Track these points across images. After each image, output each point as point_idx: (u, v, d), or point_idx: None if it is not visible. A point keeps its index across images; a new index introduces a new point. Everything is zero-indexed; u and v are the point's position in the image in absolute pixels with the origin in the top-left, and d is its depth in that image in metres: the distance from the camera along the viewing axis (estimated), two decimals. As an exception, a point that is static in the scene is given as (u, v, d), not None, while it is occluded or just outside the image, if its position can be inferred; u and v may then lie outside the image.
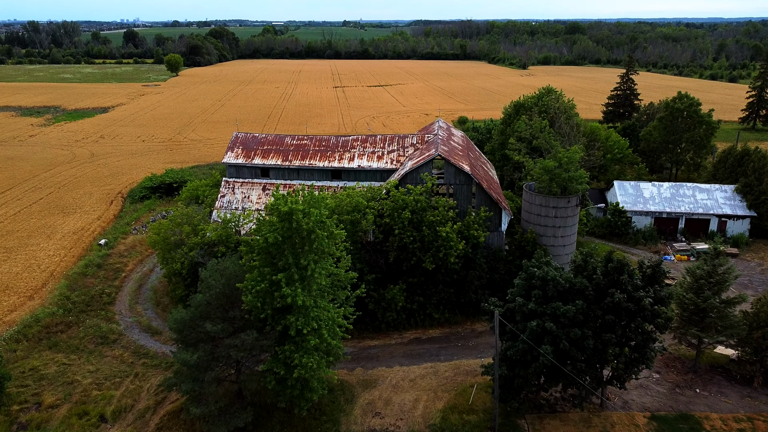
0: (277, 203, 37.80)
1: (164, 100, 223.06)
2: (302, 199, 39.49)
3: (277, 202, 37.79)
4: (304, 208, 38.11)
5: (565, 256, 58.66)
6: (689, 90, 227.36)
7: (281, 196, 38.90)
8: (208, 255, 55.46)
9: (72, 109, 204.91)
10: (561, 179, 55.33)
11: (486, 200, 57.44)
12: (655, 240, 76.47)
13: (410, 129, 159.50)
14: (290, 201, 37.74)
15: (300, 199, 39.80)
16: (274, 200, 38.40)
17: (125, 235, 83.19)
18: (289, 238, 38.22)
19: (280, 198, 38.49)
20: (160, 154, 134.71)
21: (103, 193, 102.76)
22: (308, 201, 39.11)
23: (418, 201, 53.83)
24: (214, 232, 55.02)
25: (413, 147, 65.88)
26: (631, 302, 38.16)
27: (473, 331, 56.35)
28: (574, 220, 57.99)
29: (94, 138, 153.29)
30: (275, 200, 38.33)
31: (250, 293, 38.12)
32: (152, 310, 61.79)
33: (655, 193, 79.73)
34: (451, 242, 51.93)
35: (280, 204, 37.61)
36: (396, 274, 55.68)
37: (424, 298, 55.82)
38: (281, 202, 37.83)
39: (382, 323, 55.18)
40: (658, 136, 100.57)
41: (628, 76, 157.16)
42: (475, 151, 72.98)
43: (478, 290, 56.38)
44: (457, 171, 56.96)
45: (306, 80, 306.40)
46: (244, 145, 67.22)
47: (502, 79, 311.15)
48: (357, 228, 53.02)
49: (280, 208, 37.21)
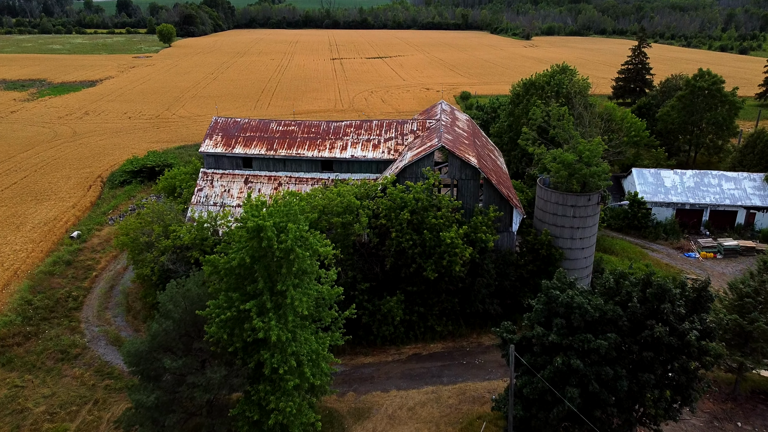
0: (244, 217, 31.12)
1: (154, 73, 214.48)
2: (277, 207, 32.78)
3: (245, 216, 31.11)
4: (279, 221, 31.49)
5: (584, 260, 52.21)
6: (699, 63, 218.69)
7: (252, 206, 32.23)
8: (180, 261, 49.02)
9: (58, 82, 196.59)
10: (581, 175, 48.57)
11: (495, 197, 50.77)
12: (677, 234, 69.94)
13: (410, 105, 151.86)
14: (262, 213, 31.03)
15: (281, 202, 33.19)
16: (243, 211, 31.73)
17: (100, 226, 76.67)
18: (262, 257, 31.70)
19: (249, 207, 31.83)
20: (146, 133, 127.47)
21: (82, 177, 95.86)
22: (285, 212, 32.42)
23: (419, 200, 47.17)
24: (188, 235, 48.44)
25: (413, 134, 58.92)
26: (673, 336, 31.77)
27: (480, 345, 50.17)
28: (595, 219, 51.38)
29: (78, 114, 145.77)
30: (244, 211, 31.67)
31: (214, 323, 31.71)
32: (122, 317, 55.53)
33: (677, 182, 72.93)
34: (457, 249, 45.41)
35: (248, 217, 30.95)
36: (393, 281, 49.29)
37: (425, 308, 49.52)
38: (249, 213, 31.16)
39: (378, 337, 48.96)
40: (676, 116, 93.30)
41: (640, 50, 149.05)
42: (481, 138, 66.00)
43: (485, 299, 50.04)
44: (463, 164, 50.16)
45: (303, 51, 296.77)
46: (225, 131, 60.20)
47: (505, 51, 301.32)
48: (349, 231, 46.46)
49: (248, 223, 30.56)
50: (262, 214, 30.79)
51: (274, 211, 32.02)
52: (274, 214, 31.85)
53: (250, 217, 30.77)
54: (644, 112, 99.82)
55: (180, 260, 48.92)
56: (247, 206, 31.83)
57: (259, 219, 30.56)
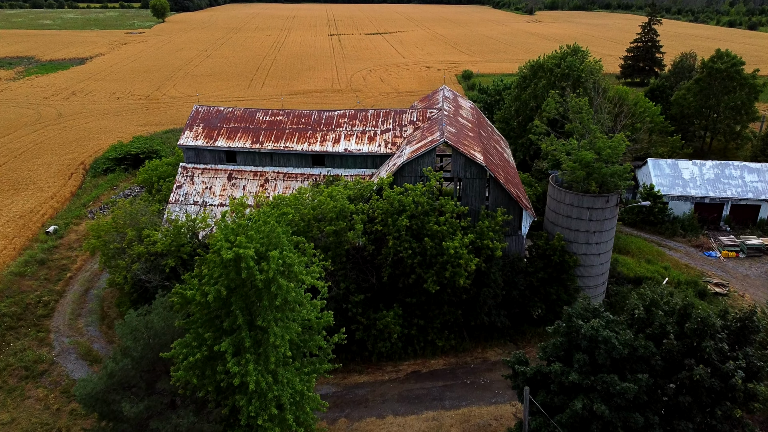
0: (218, 244, 26.25)
1: (146, 50, 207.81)
2: (257, 227, 27.95)
3: (218, 243, 26.24)
4: (258, 248, 26.71)
5: (600, 266, 47.51)
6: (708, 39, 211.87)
7: (228, 229, 27.36)
8: (154, 270, 44.29)
9: (46, 60, 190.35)
10: (601, 175, 43.62)
11: (503, 198, 45.90)
12: (695, 230, 65.16)
13: (410, 85, 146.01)
14: (240, 239, 26.13)
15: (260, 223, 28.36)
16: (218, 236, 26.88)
17: (79, 219, 71.85)
18: (240, 286, 26.98)
19: (223, 232, 27.00)
20: (135, 114, 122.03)
21: (63, 164, 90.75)
22: (266, 234, 27.59)
23: (419, 204, 42.30)
24: (162, 241, 43.67)
25: (412, 125, 53.80)
26: (715, 378, 27.21)
27: (485, 361, 45.71)
28: (613, 222, 46.58)
29: (64, 95, 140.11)
30: (218, 237, 26.81)
31: (181, 366, 27.11)
32: (96, 326, 51.02)
33: (696, 174, 67.92)
34: (461, 260, 40.67)
35: (222, 244, 26.11)
36: (390, 292, 44.67)
37: (425, 321, 44.95)
38: (224, 239, 26.33)
39: (373, 354, 44.49)
40: (692, 100, 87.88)
41: (650, 26, 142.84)
42: (486, 128, 60.85)
43: (491, 310, 45.47)
44: (468, 161, 45.20)
45: (300, 27, 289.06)
46: (206, 121, 55.05)
47: (507, 26, 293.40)
48: (342, 239, 41.68)
49: (223, 252, 25.71)
50: (239, 240, 25.89)
51: (255, 235, 27.17)
52: (254, 238, 27.02)
53: (225, 244, 25.92)
54: (657, 95, 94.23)
55: (154, 269, 44.21)
56: (220, 233, 26.92)
57: (237, 247, 25.72)
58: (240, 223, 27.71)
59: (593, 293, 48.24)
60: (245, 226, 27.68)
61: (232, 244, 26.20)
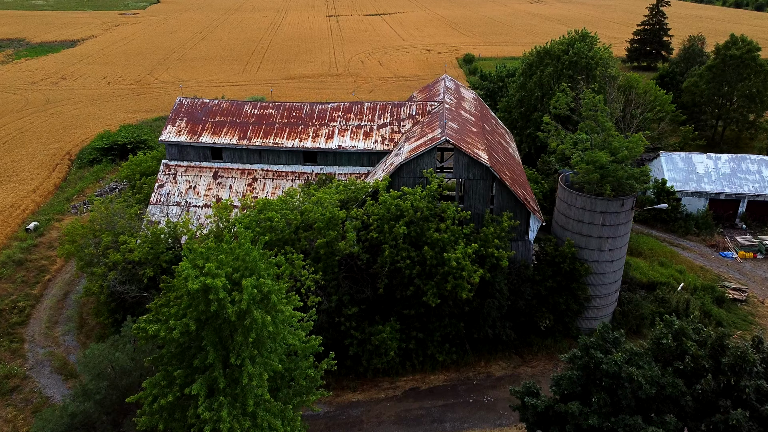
0: (184, 272, 22.83)
1: (140, 32, 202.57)
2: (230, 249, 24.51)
3: (185, 271, 22.81)
4: (231, 273, 23.30)
5: (613, 274, 44.14)
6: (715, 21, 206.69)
7: (195, 253, 23.93)
8: (131, 281, 40.91)
9: (37, 42, 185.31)
10: (616, 178, 40.06)
11: (509, 201, 42.42)
12: (710, 228, 61.72)
13: (410, 69, 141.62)
14: (209, 266, 22.71)
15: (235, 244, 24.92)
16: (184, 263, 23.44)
17: (61, 215, 68.41)
18: (212, 318, 23.64)
19: (190, 257, 23.58)
20: (125, 100, 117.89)
21: (48, 154, 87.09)
22: (240, 257, 24.15)
23: (418, 209, 38.80)
24: (140, 248, 40.24)
25: (411, 120, 50.11)
26: (754, 422, 23.96)
27: (488, 376, 42.54)
28: (627, 227, 43.14)
29: (54, 79, 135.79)
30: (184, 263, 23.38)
31: (147, 409, 23.84)
32: (73, 335, 47.84)
33: (711, 168, 64.31)
34: (464, 272, 37.29)
35: (189, 272, 22.68)
36: (387, 302, 41.35)
37: (424, 333, 41.71)
38: (191, 265, 22.91)
39: (368, 370, 41.29)
40: (705, 88, 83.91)
41: (658, 8, 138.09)
42: (490, 120, 57.13)
43: (496, 322, 42.22)
44: (471, 162, 41.64)
45: (297, 7, 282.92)
46: (190, 115, 51.31)
47: (509, 7, 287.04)
48: (333, 248, 38.25)
49: (189, 283, 22.30)
50: (208, 267, 22.46)
51: (227, 259, 23.72)
52: (225, 263, 23.57)
53: (191, 272, 22.50)
54: (668, 82, 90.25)
55: (131, 279, 40.83)
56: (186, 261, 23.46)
57: (205, 275, 22.31)
58: (209, 245, 24.22)
59: (605, 302, 44.99)
60: (216, 249, 24.21)
61: (200, 271, 22.78)
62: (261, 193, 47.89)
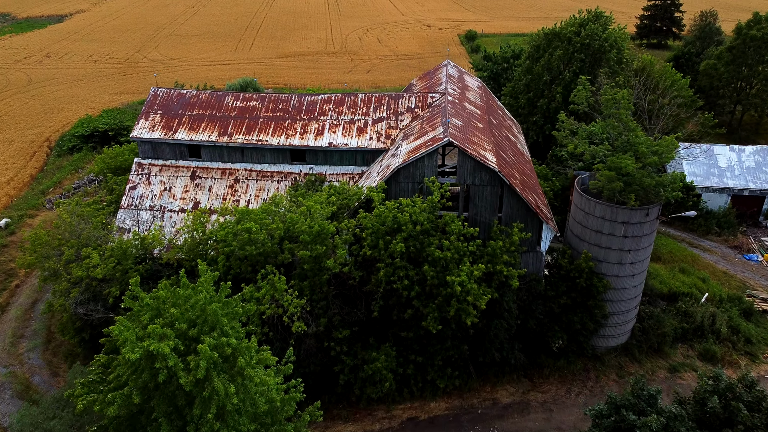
0: (121, 336, 18.32)
1: (130, 6, 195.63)
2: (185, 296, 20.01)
3: (122, 335, 18.31)
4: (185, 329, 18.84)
5: (633, 289, 39.73)
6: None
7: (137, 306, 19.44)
8: (95, 300, 36.51)
9: (23, 17, 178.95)
10: (643, 187, 35.40)
11: (520, 209, 37.83)
12: (733, 228, 57.18)
13: (410, 46, 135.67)
14: (155, 328, 18.23)
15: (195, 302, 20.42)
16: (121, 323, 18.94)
17: (36, 210, 63.89)
18: (162, 386, 19.25)
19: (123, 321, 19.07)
20: (111, 81, 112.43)
21: (26, 141, 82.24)
22: (197, 308, 19.66)
23: (418, 222, 34.21)
24: (105, 263, 35.75)
25: (410, 113, 45.24)
26: None
27: (495, 403, 38.37)
28: (651, 238, 38.59)
29: (37, 57, 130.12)
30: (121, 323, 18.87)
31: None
32: (39, 352, 43.67)
33: (735, 162, 59.55)
34: (469, 296, 32.85)
35: (126, 338, 18.20)
36: (382, 323, 36.99)
37: (424, 357, 37.43)
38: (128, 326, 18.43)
39: (362, 399, 37.11)
40: (724, 70, 78.63)
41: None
42: (497, 112, 52.19)
43: (503, 344, 37.93)
44: (478, 166, 36.94)
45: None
46: (166, 108, 46.37)
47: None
48: (321, 264, 33.77)
49: (126, 351, 17.83)
50: (152, 329, 17.96)
51: (178, 313, 19.20)
52: (177, 318, 19.08)
53: (129, 336, 18.02)
54: (683, 63, 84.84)
55: (96, 298, 36.41)
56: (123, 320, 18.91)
57: (149, 341, 17.83)
58: (158, 295, 19.68)
59: (624, 319, 40.67)
60: (165, 299, 19.68)
61: (143, 331, 18.30)
62: (243, 196, 43.27)
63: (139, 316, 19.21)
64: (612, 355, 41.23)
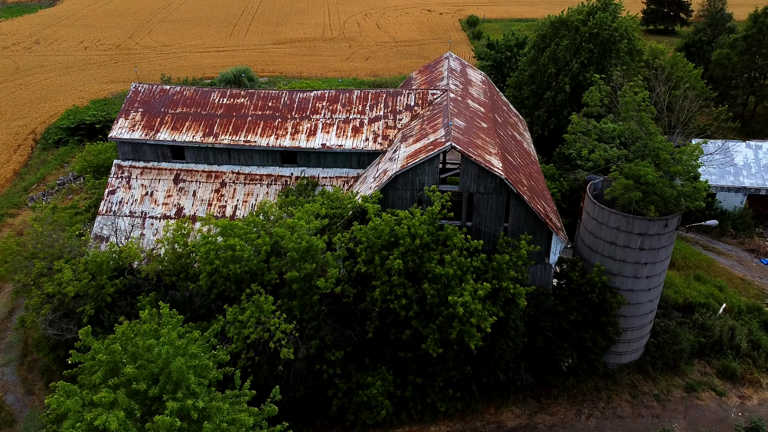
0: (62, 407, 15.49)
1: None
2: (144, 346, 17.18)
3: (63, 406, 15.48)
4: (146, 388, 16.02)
5: (648, 303, 36.96)
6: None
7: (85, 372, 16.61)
8: (68, 318, 33.75)
9: (13, 1, 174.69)
10: (663, 198, 32.50)
11: (528, 219, 34.98)
12: (749, 229, 54.34)
13: (410, 32, 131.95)
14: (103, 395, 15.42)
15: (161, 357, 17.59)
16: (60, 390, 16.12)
17: (17, 209, 61.05)
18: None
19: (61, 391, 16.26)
20: (102, 68, 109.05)
21: (11, 133, 79.26)
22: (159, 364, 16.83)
23: (417, 236, 31.32)
24: (78, 277, 32.93)
25: (410, 112, 42.18)
26: None
27: (499, 426, 35.76)
28: (669, 250, 35.79)
29: (27, 44, 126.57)
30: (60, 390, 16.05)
31: None
32: (14, 367, 41.05)
33: (751, 159, 56.58)
34: (473, 318, 30.07)
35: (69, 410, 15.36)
36: (378, 343, 34.27)
37: (424, 379, 34.76)
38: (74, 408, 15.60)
39: (357, 424, 34.48)
40: (738, 60, 75.30)
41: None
42: (501, 108, 49.12)
43: (509, 364, 35.23)
44: (482, 173, 34.03)
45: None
46: (147, 106, 43.28)
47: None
48: (311, 283, 30.95)
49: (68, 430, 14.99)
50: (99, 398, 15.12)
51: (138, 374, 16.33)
52: (137, 377, 16.24)
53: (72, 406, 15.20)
54: (694, 52, 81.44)
55: (69, 315, 33.65)
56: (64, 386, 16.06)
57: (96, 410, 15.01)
58: (114, 348, 16.83)
59: (638, 335, 37.96)
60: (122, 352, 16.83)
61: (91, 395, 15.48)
62: (231, 201, 40.36)
63: (90, 374, 16.47)
64: (624, 373, 38.55)
